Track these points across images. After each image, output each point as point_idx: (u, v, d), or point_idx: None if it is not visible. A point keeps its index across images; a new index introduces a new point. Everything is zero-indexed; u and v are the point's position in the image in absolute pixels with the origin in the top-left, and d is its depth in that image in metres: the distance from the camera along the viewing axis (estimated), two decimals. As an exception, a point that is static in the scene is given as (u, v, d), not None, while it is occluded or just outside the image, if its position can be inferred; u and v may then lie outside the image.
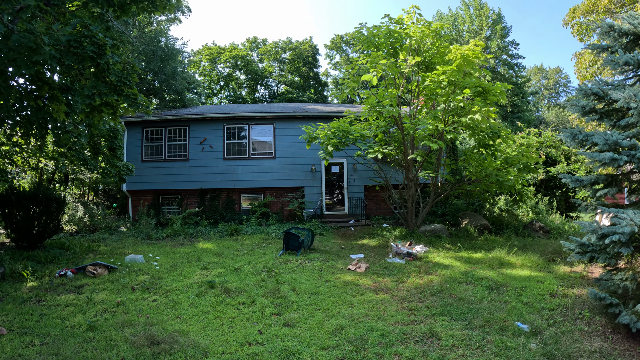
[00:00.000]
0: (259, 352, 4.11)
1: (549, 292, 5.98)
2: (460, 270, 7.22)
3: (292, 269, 7.46)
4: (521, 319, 4.93)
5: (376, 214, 14.55)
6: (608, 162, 4.84)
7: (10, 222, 8.88)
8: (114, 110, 5.85)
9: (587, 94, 5.53)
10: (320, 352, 4.09)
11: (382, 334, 4.53)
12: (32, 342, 4.39)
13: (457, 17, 34.74)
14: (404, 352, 4.09)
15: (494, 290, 6.08)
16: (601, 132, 5.06)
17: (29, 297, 5.92)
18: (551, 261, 7.98)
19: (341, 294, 5.99)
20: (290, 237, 8.86)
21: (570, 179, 5.78)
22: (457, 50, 8.54)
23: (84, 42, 4.95)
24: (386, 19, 10.24)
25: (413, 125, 8.83)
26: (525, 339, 4.35)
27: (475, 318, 4.98)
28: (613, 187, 5.46)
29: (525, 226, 11.13)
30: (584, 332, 4.57)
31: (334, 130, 9.80)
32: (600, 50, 5.95)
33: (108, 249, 9.65)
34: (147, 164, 13.98)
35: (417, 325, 4.83)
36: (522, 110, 29.92)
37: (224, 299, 5.79)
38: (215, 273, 7.21)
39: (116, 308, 5.52)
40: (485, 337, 4.43)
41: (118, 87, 5.32)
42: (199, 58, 34.17)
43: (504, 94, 9.25)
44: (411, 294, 6.03)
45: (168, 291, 6.29)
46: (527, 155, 10.24)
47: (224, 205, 14.22)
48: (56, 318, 5.13)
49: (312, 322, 4.91)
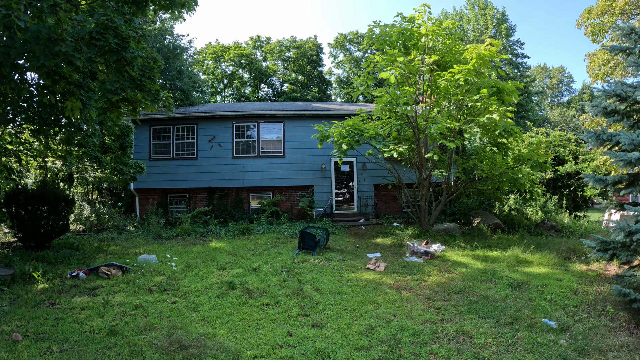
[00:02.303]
0: (292, 354, 4.05)
1: (569, 289, 6.05)
2: (479, 268, 7.21)
3: (310, 269, 7.41)
4: (547, 316, 4.99)
5: (385, 213, 14.51)
6: (635, 162, 4.89)
7: (18, 222, 8.74)
8: (133, 106, 5.73)
9: (610, 95, 5.57)
10: (355, 353, 4.05)
11: (413, 333, 4.51)
12: (50, 349, 4.16)
13: (462, 16, 34.71)
14: (439, 351, 4.07)
15: (515, 288, 6.10)
16: (627, 133, 5.09)
17: (42, 300, 5.70)
18: (567, 259, 8.00)
19: (365, 294, 5.95)
20: (306, 236, 8.81)
21: (593, 178, 5.81)
22: (473, 50, 8.51)
23: (107, 34, 4.85)
24: (399, 17, 10.21)
25: (428, 123, 8.78)
26: (554, 335, 4.41)
27: (503, 316, 5.01)
28: (636, 186, 5.48)
29: (537, 225, 11.12)
30: (609, 327, 4.65)
31: (348, 129, 9.75)
32: (619, 51, 5.98)
33: (118, 248, 9.56)
34: (155, 163, 13.89)
35: (446, 323, 4.82)
36: (527, 110, 29.95)
37: (246, 300, 5.73)
38: (234, 273, 7.15)
39: (135, 311, 5.34)
40: (516, 335, 4.46)
41: (141, 83, 5.22)
42: (202, 57, 34.01)
43: (516, 92, 9.24)
44: (434, 292, 6.00)
45: (187, 292, 6.19)
46: (538, 153, 10.22)
47: (233, 204, 14.15)
48: (73, 322, 4.92)
49: (340, 323, 4.87)
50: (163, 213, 13.54)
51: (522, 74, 32.23)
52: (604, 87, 5.69)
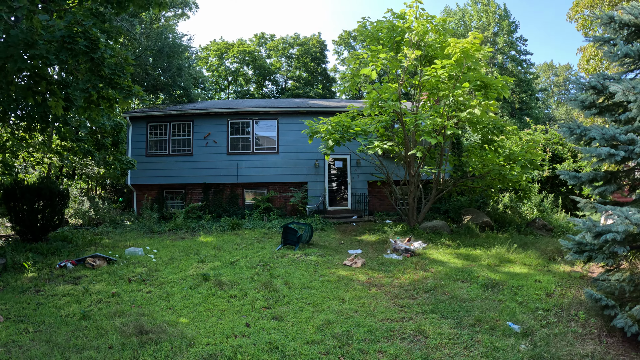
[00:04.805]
0: (243, 344, 4.12)
1: (545, 291, 5.81)
2: (457, 267, 7.14)
3: (287, 264, 7.47)
4: (513, 319, 4.79)
5: (380, 210, 14.47)
6: (605, 157, 4.68)
7: (16, 215, 9.09)
8: (110, 103, 5.92)
9: (585, 87, 5.37)
10: (304, 347, 4.09)
11: (369, 330, 4.50)
12: (27, 330, 4.53)
13: (465, 12, 34.21)
14: (388, 349, 4.05)
15: (489, 288, 5.95)
16: (598, 126, 4.90)
17: (28, 287, 6.08)
18: (552, 260, 7.83)
19: (333, 289, 5.98)
20: (288, 231, 8.87)
21: (568, 175, 5.64)
22: (456, 44, 8.38)
23: (78, 37, 5.01)
24: (389, 13, 10.13)
25: (413, 120, 8.73)
26: (515, 340, 4.22)
27: (466, 317, 4.88)
28: (612, 184, 5.30)
29: (528, 224, 10.95)
30: (578, 334, 4.41)
31: (334, 125, 9.76)
32: (602, 42, 5.73)
33: (110, 241, 9.80)
34: (152, 159, 14.13)
35: (405, 322, 4.78)
36: (530, 107, 29.29)
37: (216, 292, 5.84)
38: (211, 266, 7.27)
39: (111, 299, 5.63)
40: (474, 337, 4.33)
41: (112, 80, 5.38)
42: (206, 54, 34.34)
43: (506, 87, 9.07)
44: (404, 290, 5.98)
45: (163, 283, 6.37)
46: (531, 151, 10.04)
47: (228, 200, 14.32)
48: (52, 307, 5.27)
49: (300, 317, 4.92)
50: (159, 208, 13.77)
51: (525, 70, 31.57)
52: (578, 79, 5.49)
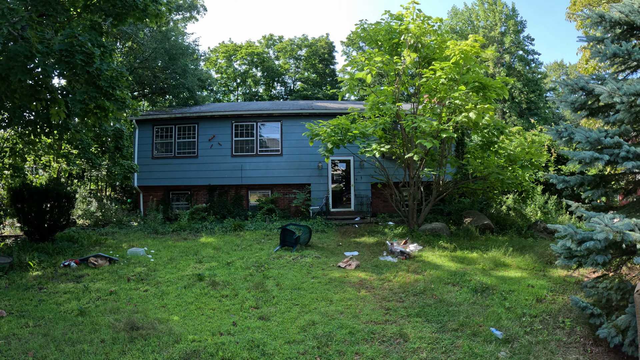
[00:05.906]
0: (226, 342, 4.26)
1: (536, 297, 5.70)
2: (451, 270, 7.13)
3: (283, 265, 7.59)
4: (497, 325, 4.73)
5: (383, 212, 14.49)
6: (589, 161, 4.64)
7: (24, 216, 9.45)
8: (105, 113, 6.22)
9: (574, 88, 5.29)
10: (284, 346, 4.20)
11: (350, 331, 4.57)
12: (27, 324, 4.80)
13: (472, 12, 33.85)
14: (366, 352, 4.11)
15: (479, 292, 5.90)
16: (583, 129, 4.86)
17: (32, 285, 6.39)
18: (549, 264, 7.73)
19: (323, 291, 6.08)
20: (286, 233, 8.99)
21: (557, 179, 5.59)
22: (455, 46, 8.38)
23: (75, 51, 5.27)
24: (387, 15, 10.17)
25: (410, 123, 8.76)
26: (495, 347, 4.18)
27: (450, 321, 4.86)
28: (600, 188, 5.25)
29: (530, 226, 10.82)
30: (562, 342, 4.32)
31: (333, 128, 9.85)
32: (597, 42, 5.64)
33: (114, 242, 10.09)
34: (158, 161, 14.46)
35: (388, 325, 4.83)
36: (539, 107, 28.76)
37: (208, 291, 6.01)
38: (208, 266, 7.45)
39: (108, 296, 5.88)
40: (455, 342, 4.31)
41: (108, 92, 5.65)
42: (215, 55, 34.81)
43: (505, 88, 9.01)
44: (393, 293, 6.03)
45: (160, 282, 6.57)
46: (532, 152, 9.94)
47: (232, 201, 14.54)
48: (52, 304, 5.55)
49: (286, 317, 5.03)
50: (164, 209, 14.09)
51: (533, 70, 31.02)
52: (566, 80, 5.40)
